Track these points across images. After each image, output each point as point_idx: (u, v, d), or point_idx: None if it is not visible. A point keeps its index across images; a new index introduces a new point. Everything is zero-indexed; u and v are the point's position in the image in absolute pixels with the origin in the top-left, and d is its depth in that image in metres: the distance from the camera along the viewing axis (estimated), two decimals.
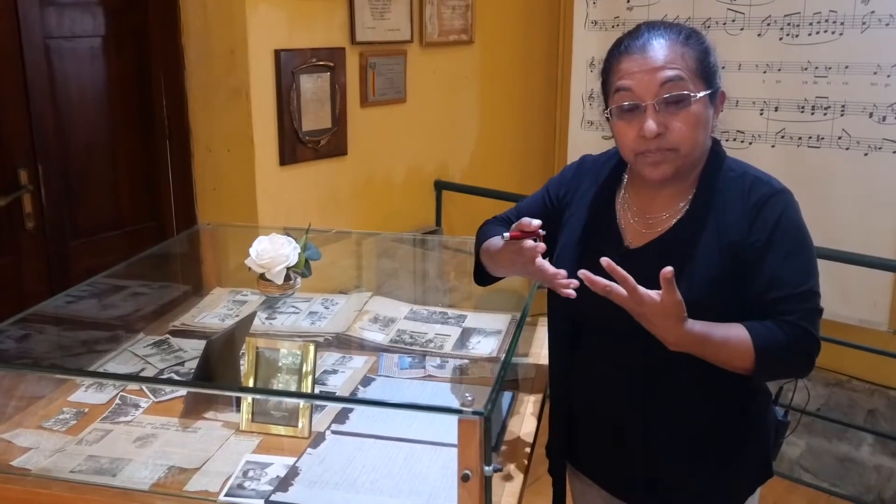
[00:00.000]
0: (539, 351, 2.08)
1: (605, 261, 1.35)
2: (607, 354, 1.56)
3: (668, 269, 1.31)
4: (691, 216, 1.51)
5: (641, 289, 1.34)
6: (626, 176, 1.63)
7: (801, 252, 1.47)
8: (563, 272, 1.46)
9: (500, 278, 1.76)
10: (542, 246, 1.47)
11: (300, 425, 1.65)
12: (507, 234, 1.48)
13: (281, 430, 1.66)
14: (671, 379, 1.50)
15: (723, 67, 1.53)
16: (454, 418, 1.28)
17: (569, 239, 1.63)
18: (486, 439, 1.27)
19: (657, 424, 1.54)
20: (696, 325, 1.39)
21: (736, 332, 1.42)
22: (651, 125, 1.43)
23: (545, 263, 1.48)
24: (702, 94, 1.45)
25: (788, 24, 3.31)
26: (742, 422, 1.57)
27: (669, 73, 1.43)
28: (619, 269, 1.34)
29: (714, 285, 1.45)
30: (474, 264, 1.78)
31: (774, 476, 1.66)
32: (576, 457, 1.74)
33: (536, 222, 1.47)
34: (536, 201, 1.75)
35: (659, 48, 1.45)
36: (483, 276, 1.77)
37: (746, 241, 1.45)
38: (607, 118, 1.53)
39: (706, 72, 1.47)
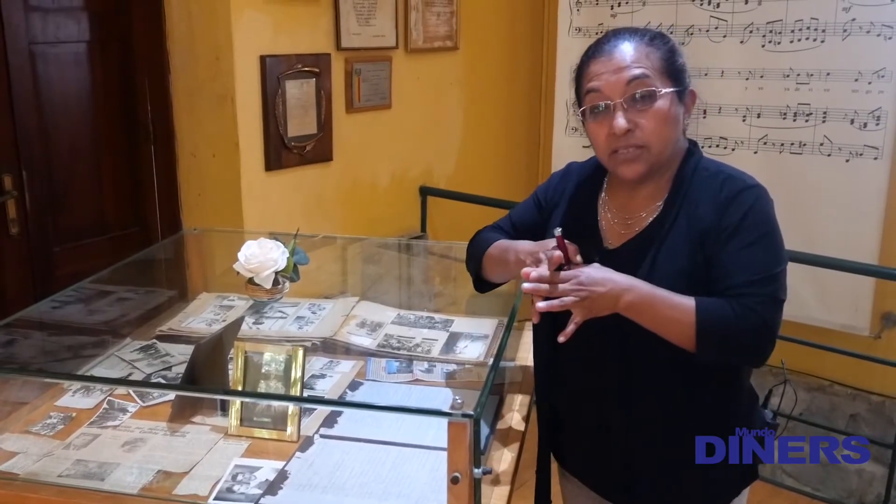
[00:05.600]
0: (526, 355, 2.09)
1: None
2: (587, 348, 1.56)
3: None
4: (665, 213, 1.54)
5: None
6: (607, 179, 1.67)
7: (767, 244, 1.47)
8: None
9: (499, 284, 1.80)
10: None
11: (289, 429, 1.66)
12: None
13: (269, 433, 1.66)
14: (651, 373, 1.53)
15: (705, 74, 1.56)
16: (442, 421, 1.29)
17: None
18: (476, 442, 1.28)
19: (637, 419, 1.56)
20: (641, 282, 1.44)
21: (681, 297, 1.43)
22: (620, 121, 1.47)
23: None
24: (668, 90, 1.49)
25: (771, 32, 3.34)
26: (725, 421, 1.58)
27: (635, 71, 1.48)
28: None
29: (685, 278, 1.47)
30: (474, 272, 1.81)
31: (757, 480, 1.67)
32: (563, 457, 1.77)
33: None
34: (529, 208, 1.79)
35: (625, 50, 1.50)
36: (484, 283, 1.81)
37: (716, 229, 1.47)
38: (583, 122, 1.57)
39: (672, 71, 1.51)
